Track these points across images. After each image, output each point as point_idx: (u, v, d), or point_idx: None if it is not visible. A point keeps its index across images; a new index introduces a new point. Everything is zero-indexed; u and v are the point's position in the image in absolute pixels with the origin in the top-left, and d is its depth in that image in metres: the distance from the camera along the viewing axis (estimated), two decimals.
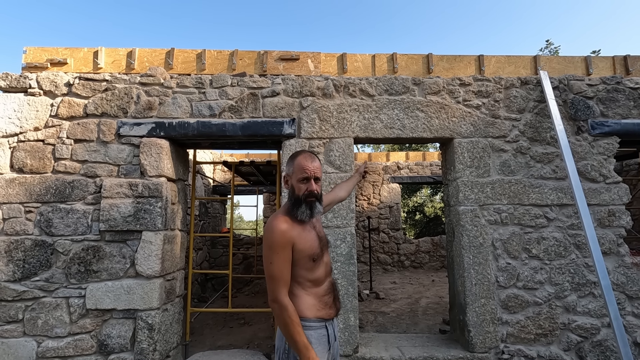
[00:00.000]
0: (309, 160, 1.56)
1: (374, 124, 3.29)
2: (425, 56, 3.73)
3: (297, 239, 1.49)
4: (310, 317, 1.51)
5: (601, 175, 3.21)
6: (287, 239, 1.47)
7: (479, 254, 3.11)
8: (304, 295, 1.53)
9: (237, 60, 3.65)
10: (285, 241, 1.46)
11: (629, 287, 3.08)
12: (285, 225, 1.48)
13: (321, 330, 1.52)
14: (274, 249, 1.45)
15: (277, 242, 1.45)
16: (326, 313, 1.55)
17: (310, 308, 1.52)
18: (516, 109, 3.33)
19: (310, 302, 1.53)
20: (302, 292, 1.53)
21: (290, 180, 1.59)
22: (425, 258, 8.97)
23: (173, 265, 3.29)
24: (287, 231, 1.47)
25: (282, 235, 1.46)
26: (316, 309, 1.53)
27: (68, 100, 3.20)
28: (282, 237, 1.46)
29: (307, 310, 1.51)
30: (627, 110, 3.33)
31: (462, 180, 3.22)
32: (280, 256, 1.45)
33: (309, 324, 1.50)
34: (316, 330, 1.51)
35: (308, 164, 1.55)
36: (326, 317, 1.55)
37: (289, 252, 1.47)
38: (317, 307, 1.53)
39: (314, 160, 1.58)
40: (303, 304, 1.51)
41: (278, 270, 1.45)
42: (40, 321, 2.92)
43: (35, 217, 3.05)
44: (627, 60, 3.78)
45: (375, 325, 4.40)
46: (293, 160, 1.59)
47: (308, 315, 1.50)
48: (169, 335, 3.15)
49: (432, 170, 9.24)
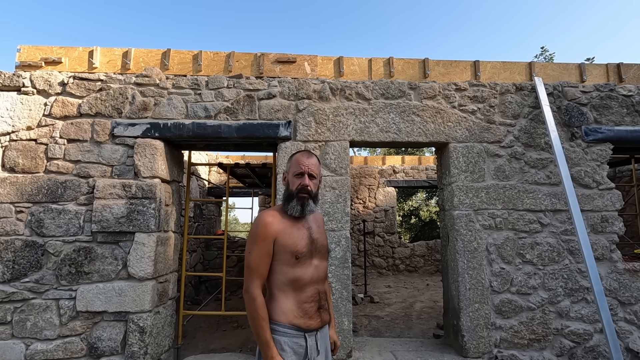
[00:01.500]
0: (305, 156, 1.58)
1: (369, 127, 3.29)
2: (421, 61, 3.75)
3: (280, 234, 1.47)
4: (282, 322, 1.44)
5: (594, 181, 3.24)
6: (269, 232, 1.46)
7: (473, 259, 3.11)
8: (281, 299, 1.47)
9: (233, 62, 3.64)
10: (267, 234, 1.45)
11: (622, 293, 3.10)
12: (270, 219, 1.48)
13: (297, 339, 1.44)
14: (255, 239, 1.46)
15: (259, 233, 1.45)
16: (304, 322, 1.45)
17: (285, 313, 1.45)
18: (511, 115, 3.35)
19: (286, 307, 1.45)
20: (280, 295, 1.47)
21: (287, 176, 1.61)
22: (420, 262, 8.98)
23: (166, 267, 3.26)
24: (270, 224, 1.47)
25: (264, 227, 1.46)
26: (293, 315, 1.45)
27: (62, 99, 3.17)
28: (264, 229, 1.45)
29: (282, 315, 1.45)
30: (620, 117, 3.36)
31: (457, 184, 3.23)
32: (259, 247, 1.45)
33: (281, 330, 1.43)
34: (290, 337, 1.43)
35: (304, 159, 1.56)
36: (304, 327, 1.45)
37: (268, 246, 1.46)
38: (294, 314, 1.45)
39: (310, 157, 1.58)
40: (278, 307, 1.46)
41: (254, 261, 1.44)
42: (29, 323, 2.88)
43: (26, 217, 3.00)
44: (621, 68, 3.82)
45: (370, 329, 4.39)
46: (292, 158, 1.62)
47: (281, 320, 1.44)
48: (161, 339, 3.12)
49: (428, 174, 9.27)
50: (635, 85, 3.47)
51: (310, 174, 1.55)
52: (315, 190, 1.58)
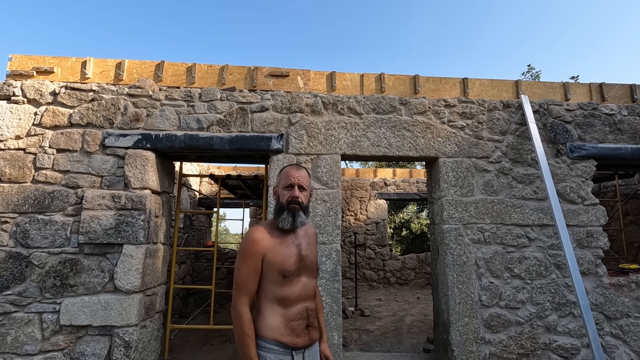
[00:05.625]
0: (295, 168, 1.58)
1: (361, 141, 3.33)
2: (412, 77, 3.84)
3: (269, 251, 1.46)
4: (268, 339, 1.42)
5: (579, 197, 3.31)
6: (258, 249, 1.45)
7: (462, 273, 3.14)
8: (268, 315, 1.45)
9: (227, 75, 3.67)
10: (255, 250, 1.45)
11: (607, 307, 3.14)
12: (259, 235, 1.48)
13: (283, 357, 1.42)
14: (244, 256, 1.45)
15: (247, 250, 1.45)
16: (291, 340, 1.43)
17: (272, 329, 1.43)
18: (499, 131, 3.43)
19: (273, 324, 1.44)
20: (268, 311, 1.46)
21: (277, 189, 1.60)
22: (410, 275, 8.98)
23: (154, 280, 3.21)
24: (260, 241, 1.46)
25: (253, 244, 1.45)
26: (279, 332, 1.43)
27: (53, 109, 3.15)
28: (253, 246, 1.45)
29: (268, 331, 1.43)
30: (603, 135, 3.47)
31: (447, 199, 3.27)
32: (248, 264, 1.44)
33: (268, 346, 1.42)
34: (276, 355, 1.41)
35: (293, 171, 1.56)
36: (290, 345, 1.43)
37: (257, 263, 1.45)
38: (280, 331, 1.43)
39: (300, 170, 1.58)
40: (265, 323, 1.44)
41: (243, 278, 1.44)
42: (9, 337, 2.79)
43: (11, 227, 2.94)
44: (603, 88, 3.96)
45: (360, 343, 4.35)
46: (281, 171, 1.62)
47: (267, 336, 1.42)
48: (147, 354, 3.04)
49: (419, 187, 9.35)
50: (616, 104, 3.60)
51: (300, 185, 1.54)
52: (305, 202, 1.57)
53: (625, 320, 3.14)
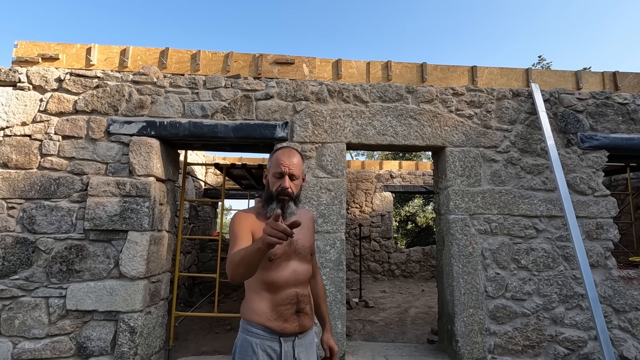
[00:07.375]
0: (286, 155, 1.45)
1: (366, 130, 3.29)
2: (419, 65, 3.76)
3: (256, 230, 1.40)
4: (255, 323, 1.37)
5: (590, 188, 3.24)
6: (247, 222, 1.41)
7: (468, 264, 3.10)
8: (256, 300, 1.40)
9: (231, 62, 3.63)
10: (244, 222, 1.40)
11: (616, 300, 3.09)
12: (244, 215, 1.44)
13: (271, 342, 1.36)
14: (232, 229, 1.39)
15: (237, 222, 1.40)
16: (278, 325, 1.36)
17: (259, 314, 1.38)
18: (507, 120, 3.36)
19: (260, 308, 1.38)
20: (255, 296, 1.41)
21: (268, 174, 1.49)
22: (415, 268, 8.95)
23: (159, 267, 3.22)
24: (247, 217, 1.42)
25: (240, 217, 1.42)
26: (266, 317, 1.37)
27: (58, 95, 3.15)
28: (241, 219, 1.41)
29: (255, 315, 1.38)
30: (616, 125, 3.38)
31: (453, 189, 3.22)
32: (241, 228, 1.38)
33: (254, 330, 1.37)
34: (263, 340, 1.36)
35: (284, 158, 1.43)
36: (278, 330, 1.36)
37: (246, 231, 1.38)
38: (267, 316, 1.37)
39: (291, 156, 1.44)
40: (251, 307, 1.40)
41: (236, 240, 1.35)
42: (17, 321, 2.83)
43: (17, 213, 2.97)
44: (617, 77, 3.85)
45: (363, 333, 4.35)
46: (272, 155, 1.49)
47: (254, 320, 1.38)
48: (152, 339, 3.07)
49: (425, 180, 9.27)
50: (630, 93, 3.50)
51: (290, 174, 1.43)
52: (297, 191, 1.47)
53: (635, 313, 3.08)
